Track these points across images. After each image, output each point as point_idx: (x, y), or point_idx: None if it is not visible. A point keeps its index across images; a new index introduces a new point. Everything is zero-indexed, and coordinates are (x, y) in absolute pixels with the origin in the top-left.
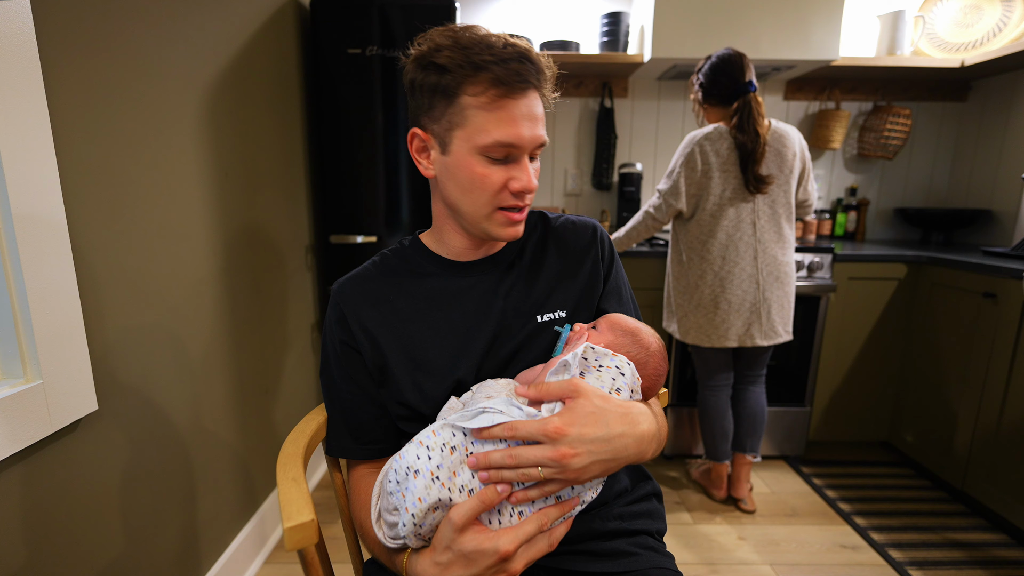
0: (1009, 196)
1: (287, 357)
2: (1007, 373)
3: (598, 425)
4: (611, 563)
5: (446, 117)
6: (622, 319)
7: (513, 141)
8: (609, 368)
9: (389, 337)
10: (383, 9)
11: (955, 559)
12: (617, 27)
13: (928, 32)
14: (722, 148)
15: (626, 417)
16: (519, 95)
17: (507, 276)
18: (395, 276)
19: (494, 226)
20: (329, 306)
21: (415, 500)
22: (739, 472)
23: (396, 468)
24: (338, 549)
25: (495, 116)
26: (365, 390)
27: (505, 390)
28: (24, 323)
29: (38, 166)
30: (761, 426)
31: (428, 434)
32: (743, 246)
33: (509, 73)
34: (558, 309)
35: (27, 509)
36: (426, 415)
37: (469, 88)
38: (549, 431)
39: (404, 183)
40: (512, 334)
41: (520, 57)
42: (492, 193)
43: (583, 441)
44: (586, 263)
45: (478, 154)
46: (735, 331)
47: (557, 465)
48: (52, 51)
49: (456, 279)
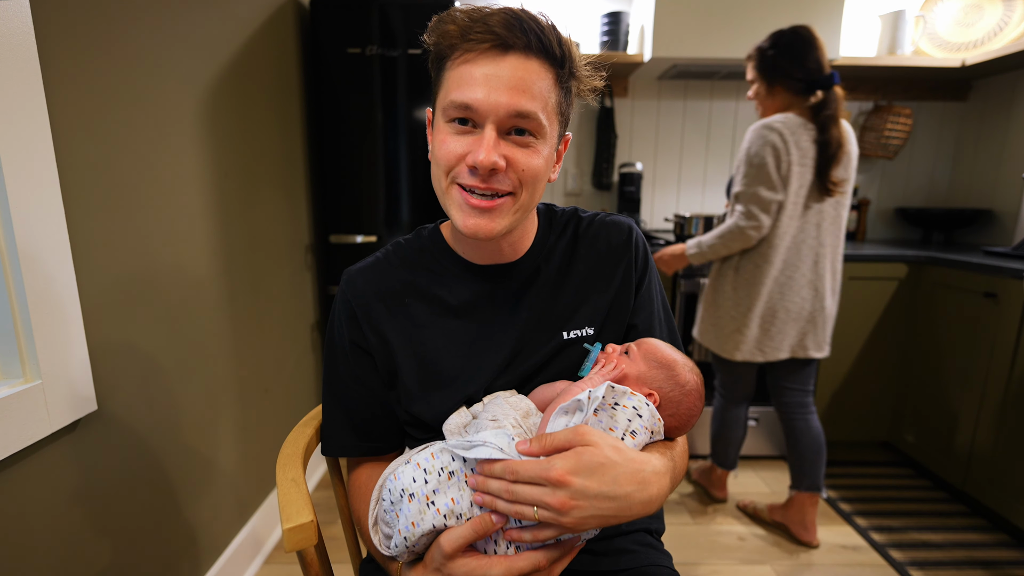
0: (1010, 196)
1: (287, 357)
2: (1008, 373)
3: (604, 480)
4: (609, 561)
5: (438, 87)
6: (659, 348)
7: (467, 101)
8: (625, 408)
9: (402, 343)
10: (383, 9)
11: (956, 559)
12: (617, 27)
13: (929, 32)
14: (802, 140)
15: (637, 476)
16: (496, 55)
17: (532, 284)
18: (410, 273)
19: (454, 211)
20: (338, 299)
21: (408, 524)
22: (810, 513)
23: (391, 488)
24: (338, 549)
25: (458, 74)
26: (373, 391)
27: (515, 414)
28: (23, 323)
29: (38, 166)
30: (824, 457)
31: (427, 456)
32: (805, 249)
33: (484, 30)
34: (586, 326)
35: (27, 509)
36: (432, 426)
37: (453, 52)
38: (551, 478)
39: (404, 183)
40: (534, 350)
41: (510, 19)
42: (448, 164)
43: (587, 495)
44: (618, 272)
45: (444, 120)
46: (788, 342)
47: (555, 511)
48: (52, 51)
49: (476, 284)
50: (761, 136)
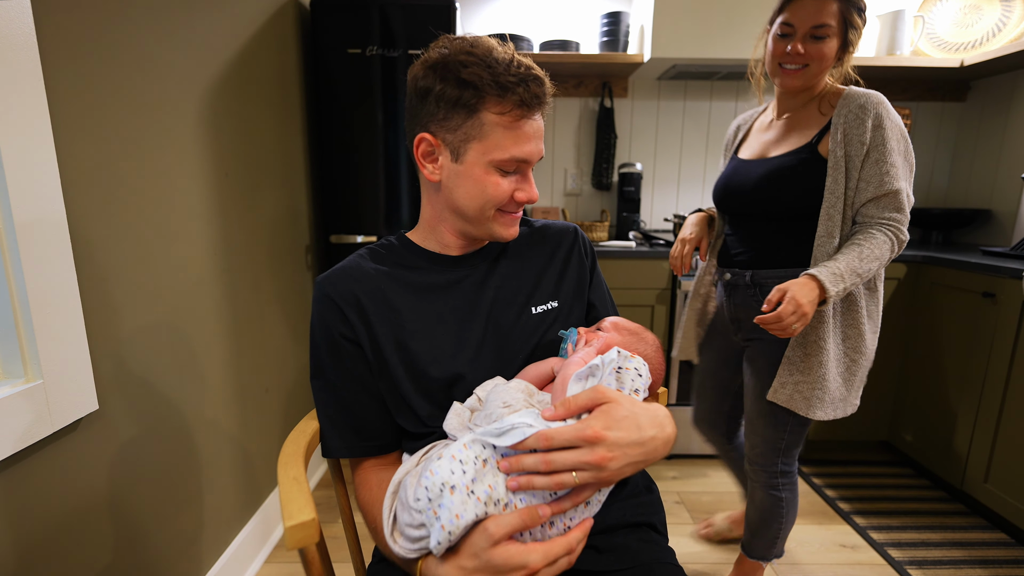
0: (1008, 196)
1: (287, 357)
2: (1006, 373)
3: (632, 428)
4: (614, 558)
5: (463, 129)
6: (621, 321)
7: (526, 158)
8: (628, 370)
9: (385, 327)
10: (383, 9)
11: (954, 558)
12: (617, 27)
13: (928, 32)
14: None
15: (655, 420)
16: (534, 115)
17: (495, 268)
18: (384, 268)
19: (498, 227)
20: (317, 303)
21: (451, 517)
22: None
23: (428, 485)
24: (339, 548)
25: (513, 134)
26: (366, 385)
27: (522, 395)
28: (25, 323)
29: (38, 166)
30: None
31: (459, 448)
32: None
33: (531, 96)
34: (549, 300)
35: (27, 508)
36: (419, 410)
37: (493, 107)
38: (588, 436)
39: (404, 183)
40: (506, 324)
41: (537, 79)
42: (500, 202)
43: (620, 445)
44: (572, 259)
45: (492, 167)
46: None
47: (595, 468)
48: (52, 51)
49: (446, 272)
50: (901, 129)
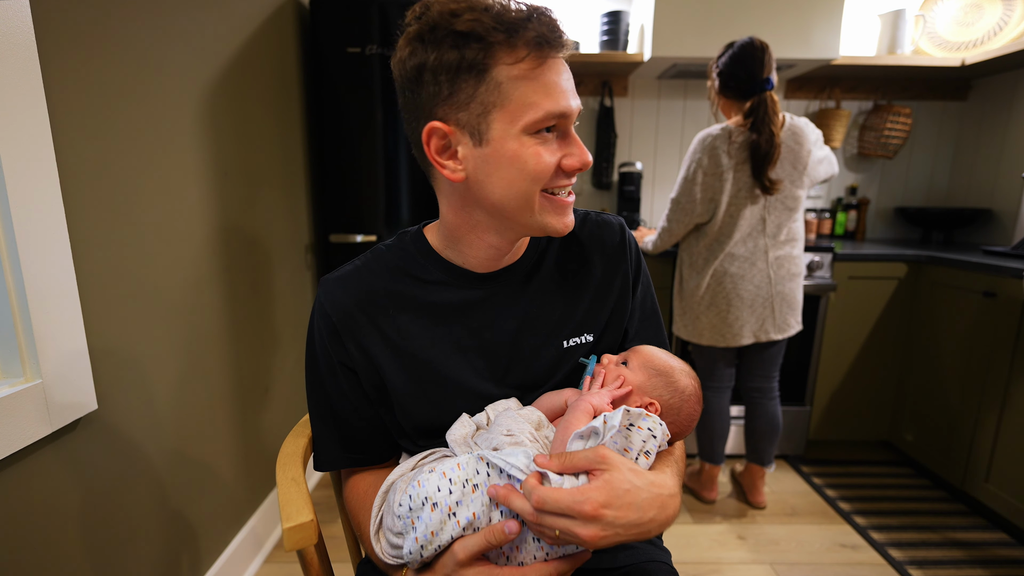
0: (1009, 195)
1: (287, 356)
2: (1007, 372)
3: (632, 509)
4: (608, 557)
5: (477, 99)
6: (655, 355)
7: (564, 111)
8: (640, 430)
9: (389, 356)
10: (383, 8)
11: (955, 558)
12: (617, 26)
13: (928, 31)
14: (733, 148)
15: (658, 501)
16: (559, 55)
17: (525, 288)
18: (394, 281)
19: (550, 218)
20: (316, 311)
21: (427, 533)
22: (756, 482)
23: (412, 495)
24: (337, 549)
25: (540, 84)
26: (360, 406)
27: (529, 427)
28: (24, 322)
29: (38, 166)
30: (777, 438)
31: (452, 467)
32: (753, 243)
33: (549, 30)
34: (585, 333)
35: (26, 508)
36: (421, 441)
37: (504, 56)
38: (586, 513)
39: (404, 182)
40: (532, 356)
41: (547, 10)
42: (547, 175)
43: (615, 525)
44: (617, 277)
45: (527, 134)
46: (749, 328)
47: (582, 542)
48: (52, 51)
49: (466, 290)
50: (693, 155)
